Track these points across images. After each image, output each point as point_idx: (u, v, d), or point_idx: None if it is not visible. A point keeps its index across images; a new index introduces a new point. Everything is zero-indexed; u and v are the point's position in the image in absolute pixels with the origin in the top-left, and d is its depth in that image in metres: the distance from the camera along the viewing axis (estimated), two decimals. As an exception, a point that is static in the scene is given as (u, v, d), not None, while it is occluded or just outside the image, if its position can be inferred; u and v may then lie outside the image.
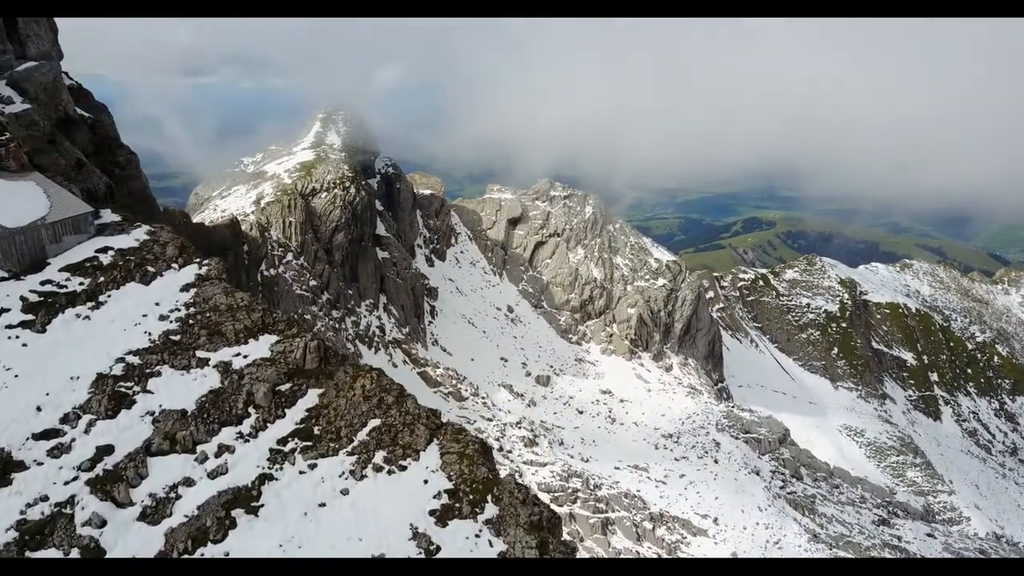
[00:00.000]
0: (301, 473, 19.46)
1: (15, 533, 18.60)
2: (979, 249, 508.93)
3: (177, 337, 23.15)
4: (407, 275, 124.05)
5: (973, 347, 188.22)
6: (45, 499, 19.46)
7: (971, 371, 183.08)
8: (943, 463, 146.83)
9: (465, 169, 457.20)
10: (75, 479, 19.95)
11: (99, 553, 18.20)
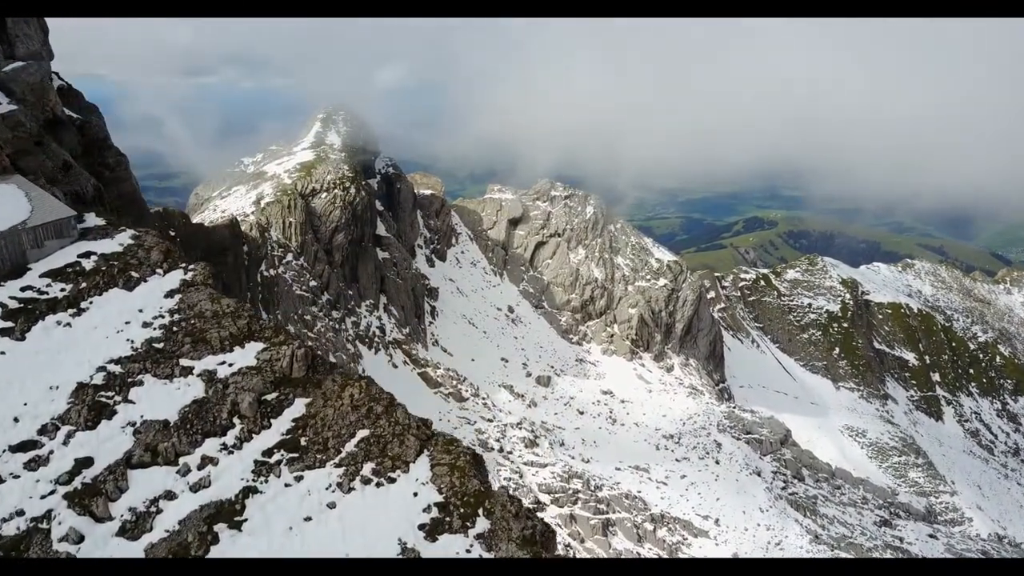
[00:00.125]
0: (287, 486, 18.85)
1: (-12, 549, 17.88)
2: (981, 249, 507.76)
3: (160, 345, 22.46)
4: (407, 275, 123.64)
5: (975, 347, 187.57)
6: (21, 514, 18.81)
7: (973, 371, 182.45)
8: (945, 464, 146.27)
9: (466, 169, 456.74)
10: (52, 493, 19.30)
11: (76, 570, 17.56)
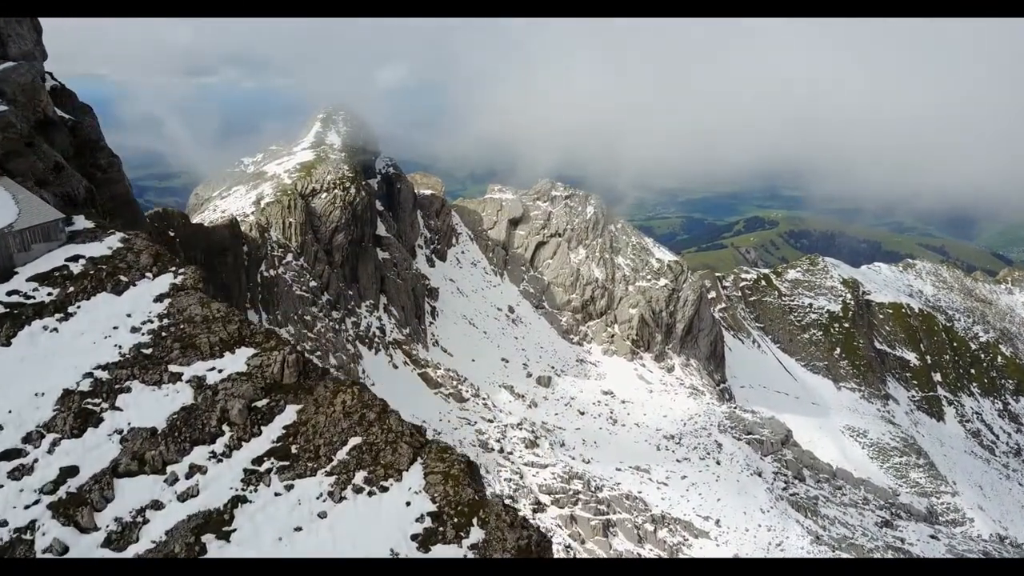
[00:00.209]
0: (277, 495, 18.42)
1: (-30, 561, 17.43)
2: (982, 248, 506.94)
3: (149, 350, 21.96)
4: (408, 276, 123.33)
5: (976, 347, 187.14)
6: (3, 524, 18.38)
7: (974, 371, 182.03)
8: (946, 464, 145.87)
9: (467, 169, 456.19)
10: (36, 503, 18.87)
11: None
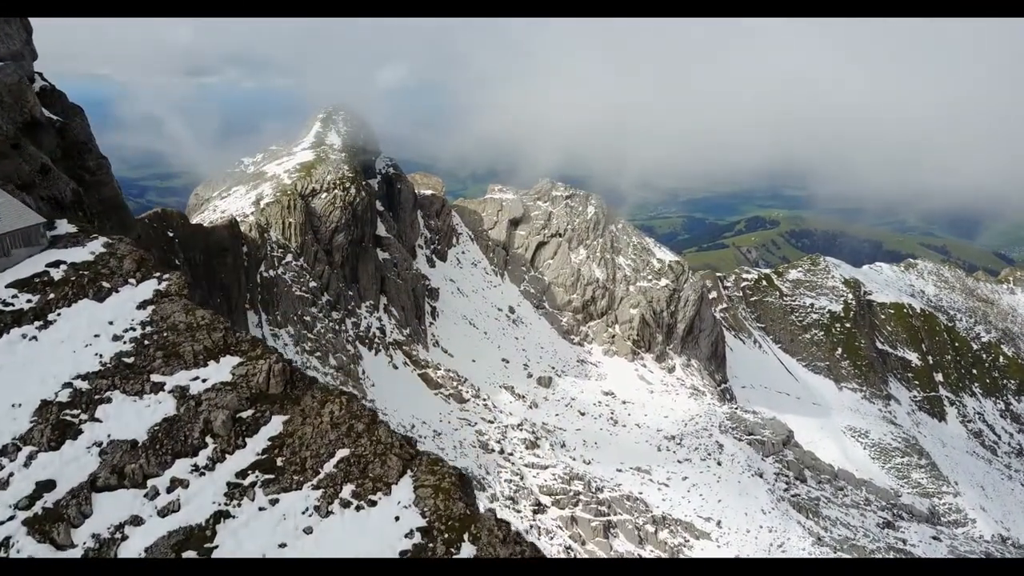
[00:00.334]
0: (261, 510, 17.79)
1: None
2: (984, 248, 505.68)
3: (131, 359, 21.26)
4: (408, 276, 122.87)
5: (978, 347, 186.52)
6: None
7: (976, 371, 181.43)
8: (948, 464, 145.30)
9: (468, 169, 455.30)
10: (11, 518, 18.16)
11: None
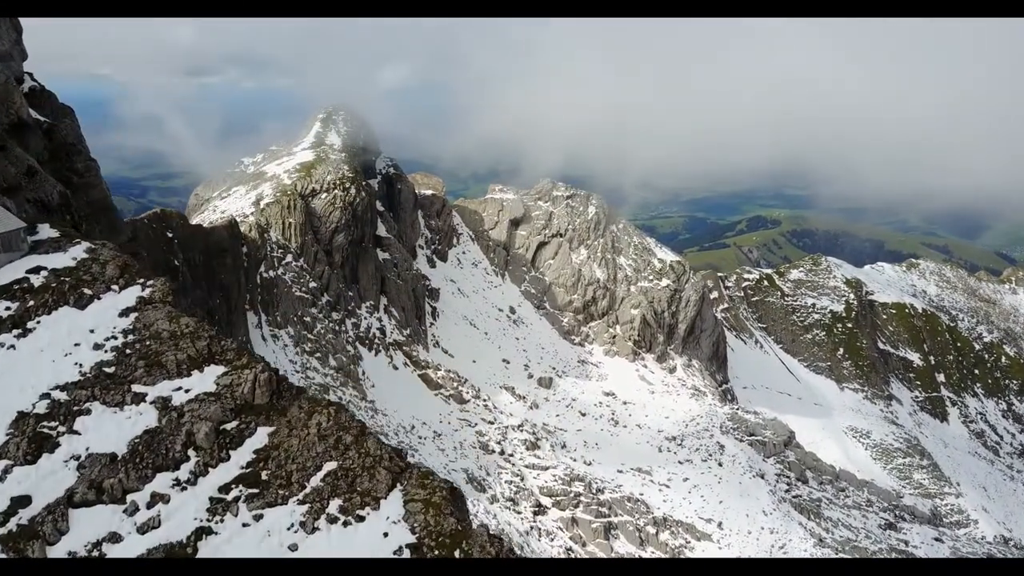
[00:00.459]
0: (244, 526, 17.13)
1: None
2: (986, 248, 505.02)
3: (111, 369, 20.55)
4: (408, 276, 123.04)
5: (980, 347, 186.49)
6: None
7: (978, 372, 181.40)
8: (950, 465, 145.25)
9: (469, 169, 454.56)
10: (-16, 536, 17.57)
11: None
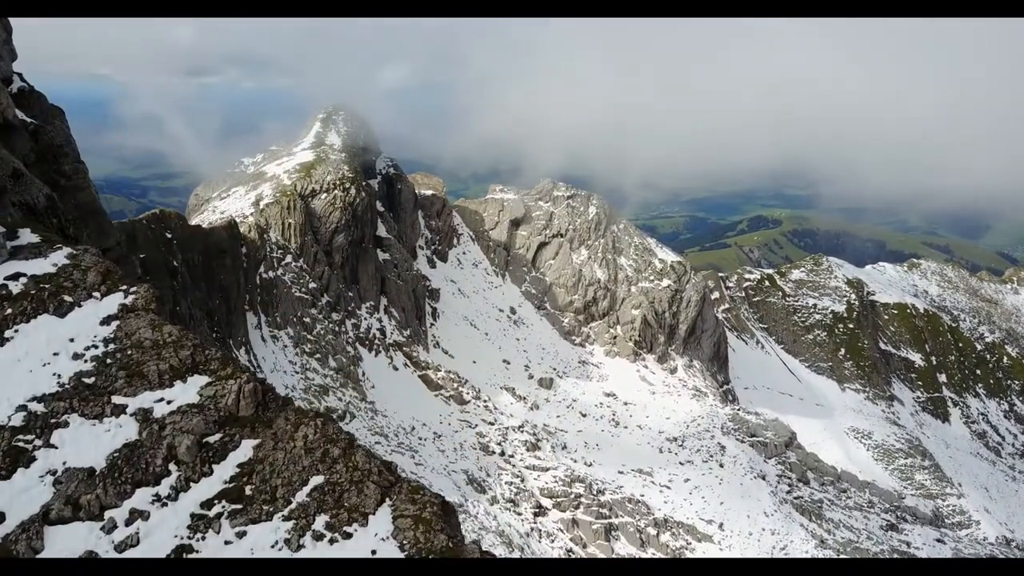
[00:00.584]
0: (227, 543, 16.63)
1: None
2: (987, 248, 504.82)
3: (91, 380, 19.80)
4: (408, 277, 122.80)
5: (982, 348, 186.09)
6: None
7: (980, 372, 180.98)
8: (952, 466, 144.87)
9: (470, 169, 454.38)
10: (-49, 557, 17.42)
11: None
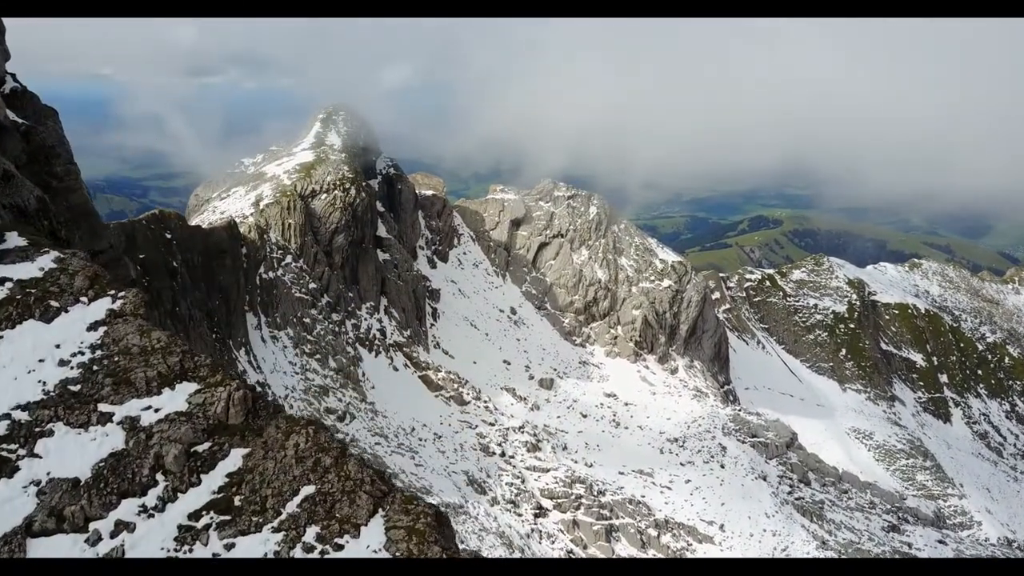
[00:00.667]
0: (215, 556, 16.35)
1: None
2: (989, 248, 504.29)
3: (77, 387, 19.43)
4: (408, 277, 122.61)
5: (983, 348, 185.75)
6: None
7: (981, 372, 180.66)
8: (954, 466, 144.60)
9: (471, 168, 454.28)
10: (-69, 571, 16.97)
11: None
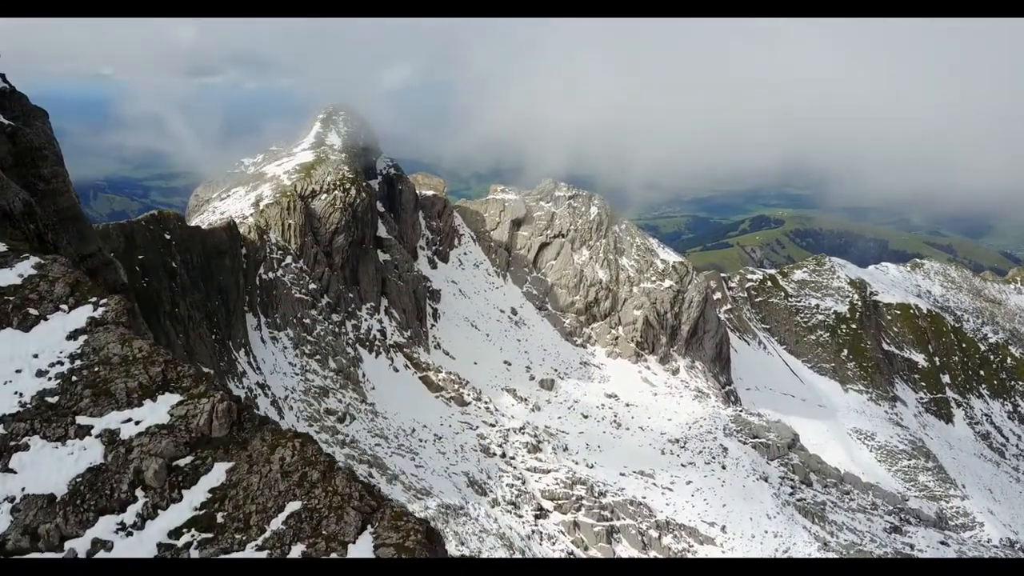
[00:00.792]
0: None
1: None
2: (991, 247, 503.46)
3: (55, 399, 18.74)
4: (409, 277, 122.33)
5: (985, 348, 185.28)
6: None
7: (984, 373, 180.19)
8: (956, 467, 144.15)
9: (471, 169, 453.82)
10: None
11: None
